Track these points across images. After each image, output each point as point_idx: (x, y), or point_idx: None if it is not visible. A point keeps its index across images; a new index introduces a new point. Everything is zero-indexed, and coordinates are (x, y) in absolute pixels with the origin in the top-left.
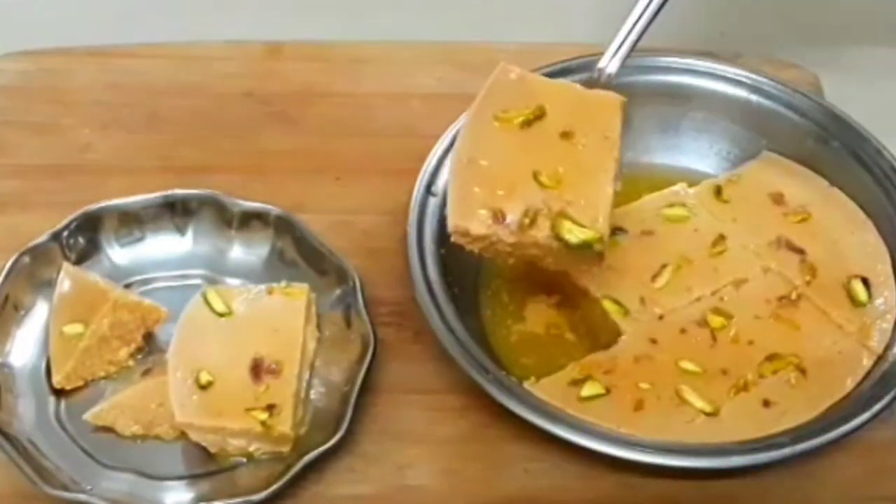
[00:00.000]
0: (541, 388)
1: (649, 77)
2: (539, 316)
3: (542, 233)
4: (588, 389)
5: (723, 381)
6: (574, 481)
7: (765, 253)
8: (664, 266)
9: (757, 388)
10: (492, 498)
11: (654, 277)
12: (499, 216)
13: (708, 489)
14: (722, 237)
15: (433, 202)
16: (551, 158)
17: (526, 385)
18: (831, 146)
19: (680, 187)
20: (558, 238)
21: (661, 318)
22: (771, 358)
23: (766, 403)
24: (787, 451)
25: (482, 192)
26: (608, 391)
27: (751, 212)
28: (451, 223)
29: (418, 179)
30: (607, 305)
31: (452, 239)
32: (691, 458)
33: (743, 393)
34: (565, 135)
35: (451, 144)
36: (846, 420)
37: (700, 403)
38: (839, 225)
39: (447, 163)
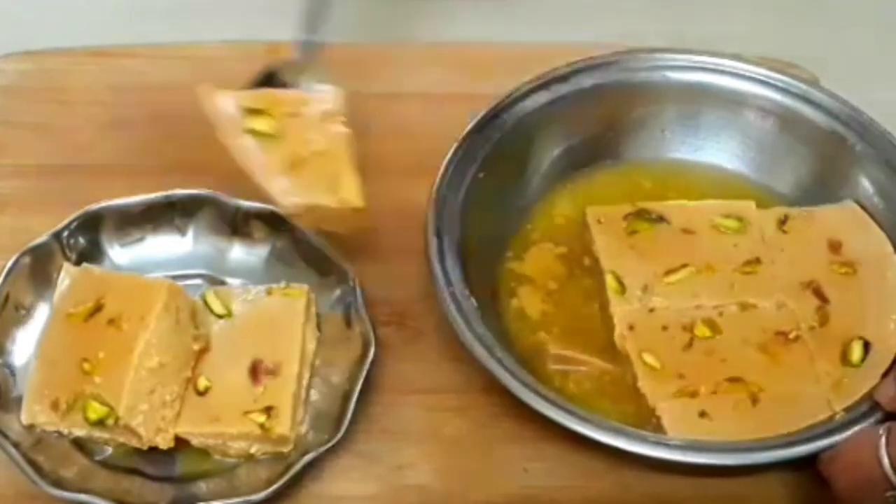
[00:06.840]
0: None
1: (672, 75)
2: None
3: (78, 415)
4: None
5: (672, 383)
6: (573, 481)
7: (790, 290)
8: (684, 266)
9: (701, 400)
10: (492, 498)
11: (669, 272)
12: (54, 405)
13: (707, 489)
14: (758, 260)
15: (451, 205)
16: (96, 345)
17: None
18: None
19: (747, 204)
20: (86, 418)
21: (651, 310)
22: (733, 380)
23: (703, 414)
24: (782, 452)
25: (48, 386)
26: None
27: (802, 249)
28: (23, 420)
29: (436, 180)
30: (609, 280)
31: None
32: (682, 453)
33: (686, 399)
34: (112, 322)
35: (466, 145)
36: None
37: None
38: (878, 290)
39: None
